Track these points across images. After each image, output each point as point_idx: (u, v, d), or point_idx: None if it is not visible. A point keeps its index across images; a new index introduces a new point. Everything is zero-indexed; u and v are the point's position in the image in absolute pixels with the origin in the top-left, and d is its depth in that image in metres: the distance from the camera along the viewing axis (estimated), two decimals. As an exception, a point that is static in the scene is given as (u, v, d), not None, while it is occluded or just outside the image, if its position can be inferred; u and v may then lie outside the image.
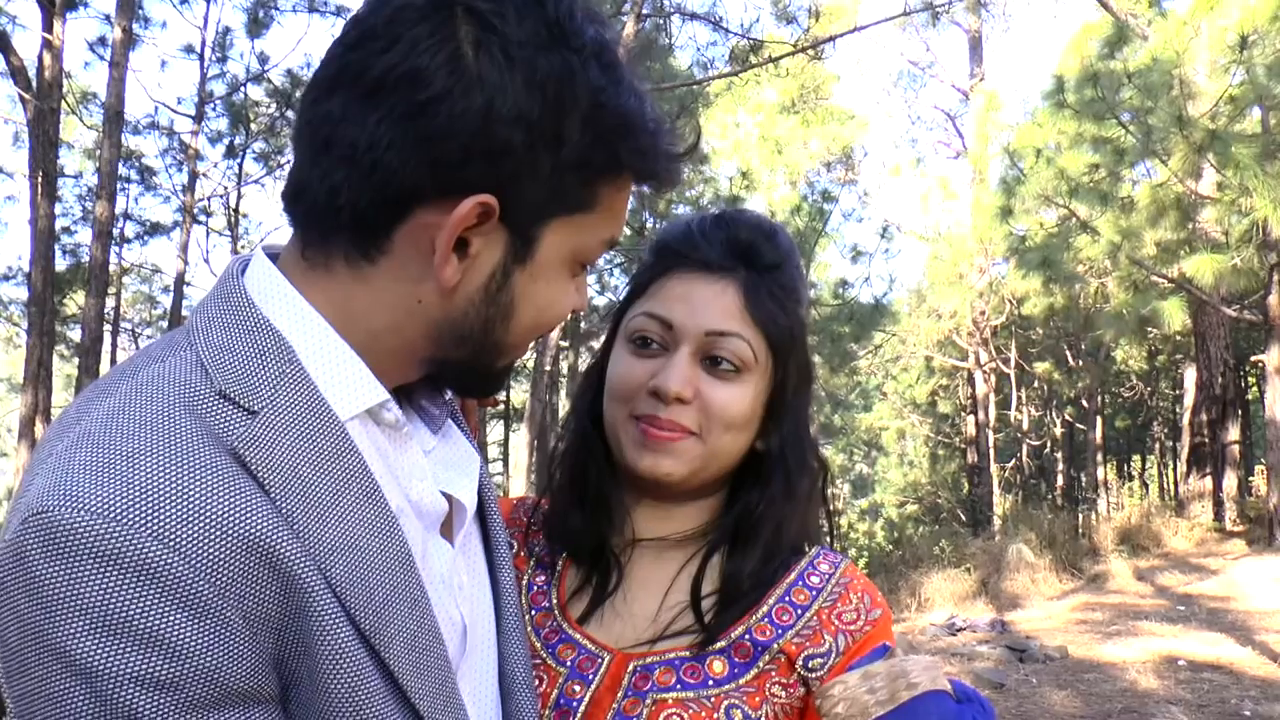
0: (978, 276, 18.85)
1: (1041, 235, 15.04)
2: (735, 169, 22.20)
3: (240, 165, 20.68)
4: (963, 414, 22.60)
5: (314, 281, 1.00)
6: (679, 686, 1.28)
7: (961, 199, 20.69)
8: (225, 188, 21.24)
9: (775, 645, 1.31)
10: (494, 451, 25.13)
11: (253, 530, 0.85)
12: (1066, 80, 13.38)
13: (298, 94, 20.61)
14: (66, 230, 20.74)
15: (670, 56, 21.06)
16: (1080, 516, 17.45)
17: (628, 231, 24.39)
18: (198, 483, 0.85)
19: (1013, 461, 22.27)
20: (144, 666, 0.80)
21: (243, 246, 23.03)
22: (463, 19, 0.94)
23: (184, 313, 20.65)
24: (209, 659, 0.82)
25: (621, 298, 1.47)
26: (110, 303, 18.40)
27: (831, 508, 1.54)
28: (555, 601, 1.40)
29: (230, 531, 0.84)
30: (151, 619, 0.80)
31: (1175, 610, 11.31)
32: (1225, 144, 11.58)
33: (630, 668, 1.31)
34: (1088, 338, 19.10)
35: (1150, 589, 12.89)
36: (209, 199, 21.95)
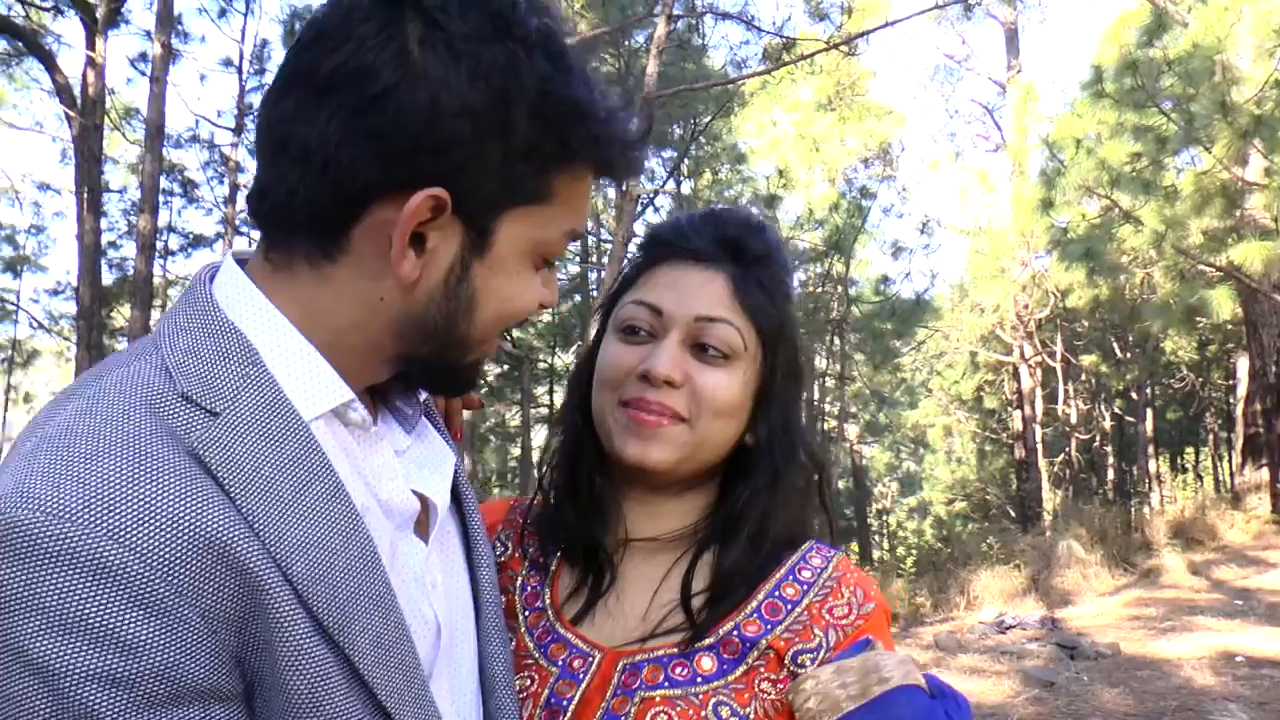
0: (1020, 270, 18.67)
1: (1084, 227, 14.84)
2: (773, 168, 22.16)
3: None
4: (1009, 409, 22.38)
5: (278, 283, 1.02)
6: (666, 684, 1.28)
7: (1001, 192, 20.51)
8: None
9: (763, 641, 1.30)
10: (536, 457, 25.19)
11: (209, 529, 0.86)
12: (1105, 70, 13.22)
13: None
14: (112, 244, 21.14)
15: (705, 57, 21.06)
16: (1132, 510, 17.19)
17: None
18: (154, 483, 0.86)
19: (1061, 456, 22.02)
20: (100, 664, 0.81)
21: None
22: (410, 15, 0.95)
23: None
24: (165, 656, 0.83)
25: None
26: (156, 315, 18.65)
27: (829, 502, 1.53)
28: (549, 601, 1.40)
29: (186, 530, 0.85)
30: (107, 617, 0.81)
31: (1232, 605, 11.11)
32: (1272, 129, 11.39)
33: (619, 666, 1.31)
34: (1134, 329, 18.86)
35: (1206, 583, 12.69)
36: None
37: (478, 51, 0.95)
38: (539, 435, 22.60)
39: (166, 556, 0.83)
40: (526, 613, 1.39)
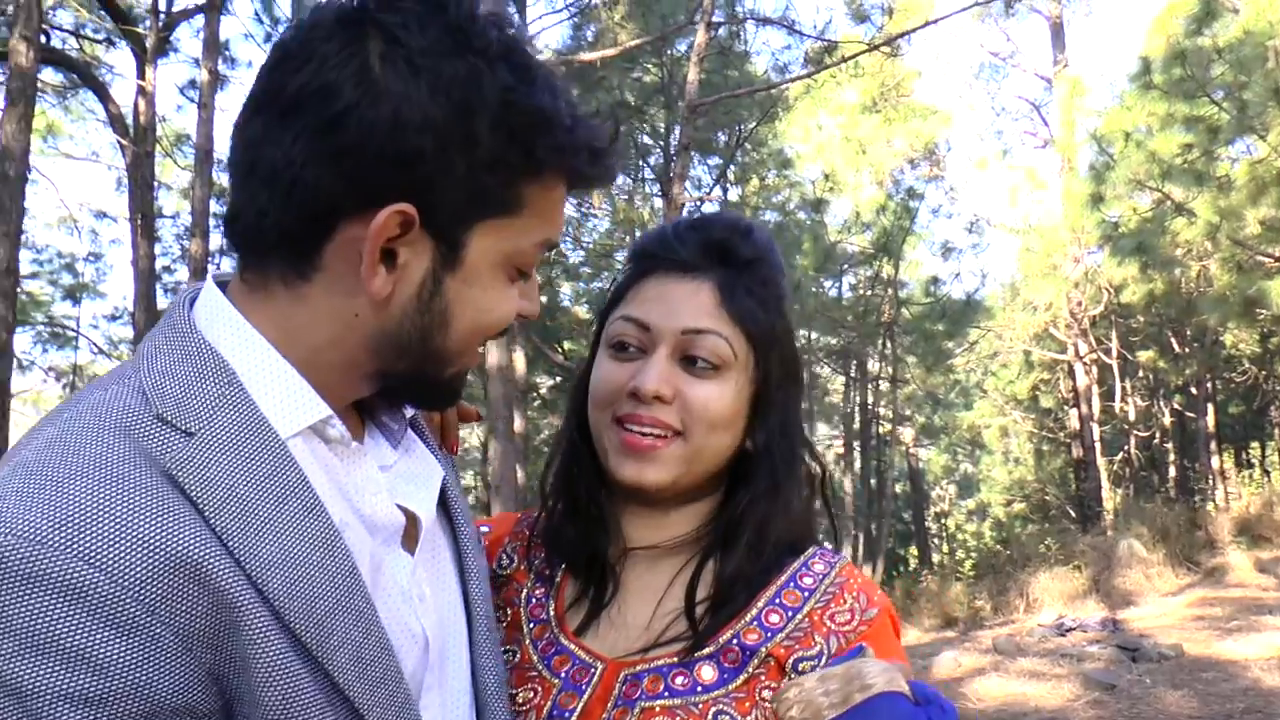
0: (1072, 266, 18.40)
1: (1135, 220, 14.65)
2: (819, 172, 22.07)
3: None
4: (1065, 408, 22.06)
5: (255, 303, 1.03)
6: (667, 694, 1.27)
7: (1051, 188, 20.24)
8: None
9: (763, 649, 1.29)
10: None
11: (180, 548, 0.87)
12: (1153, 61, 13.06)
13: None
14: (167, 269, 21.49)
15: (747, 63, 21.02)
16: (1195, 508, 16.86)
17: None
18: (125, 504, 0.87)
19: (1121, 454, 21.66)
20: (73, 684, 0.82)
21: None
22: (371, 33, 0.96)
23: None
24: (138, 674, 0.84)
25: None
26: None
27: (833, 507, 1.53)
28: (553, 613, 1.40)
29: (157, 550, 0.86)
30: (78, 637, 0.82)
31: (1301, 603, 10.87)
32: (1328, 115, 11.15)
33: (621, 676, 1.31)
34: (1192, 323, 18.52)
35: (1273, 581, 12.44)
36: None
37: (438, 66, 0.96)
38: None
39: (137, 576, 0.84)
40: (531, 625, 1.39)
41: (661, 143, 21.26)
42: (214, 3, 13.60)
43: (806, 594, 1.34)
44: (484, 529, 1.53)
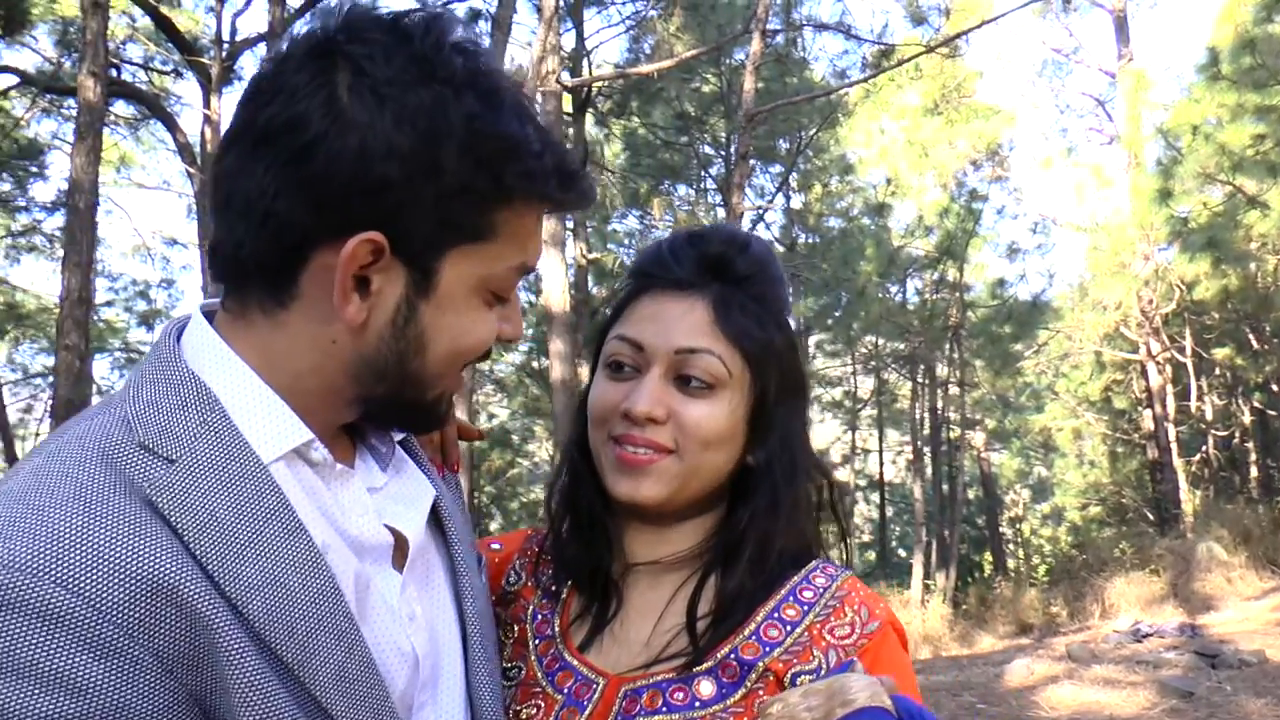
0: (1142, 264, 18.01)
1: (1206, 215, 14.32)
2: (882, 176, 21.90)
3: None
4: (1139, 408, 21.59)
5: (238, 331, 1.05)
6: (665, 709, 1.28)
7: (1118, 185, 19.85)
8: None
9: (760, 664, 1.29)
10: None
11: (157, 573, 0.89)
12: (1221, 51, 12.78)
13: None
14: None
15: (806, 70, 20.94)
16: (1279, 509, 16.40)
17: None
18: (104, 531, 0.89)
19: (1199, 455, 21.14)
20: (52, 707, 0.84)
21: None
22: (340, 64, 0.98)
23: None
24: (117, 696, 0.86)
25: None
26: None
27: (843, 516, 1.51)
28: (558, 629, 1.41)
29: (134, 575, 0.88)
30: (57, 661, 0.84)
31: (1390, 605, 10.53)
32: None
33: (621, 692, 1.31)
34: (1270, 318, 18.03)
35: (1362, 583, 12.06)
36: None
37: (403, 95, 0.98)
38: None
39: (115, 601, 0.87)
40: (537, 641, 1.40)
41: (723, 152, 21.26)
42: (274, 30, 13.86)
43: (806, 608, 1.33)
44: (495, 546, 1.55)
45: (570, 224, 18.81)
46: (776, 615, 1.33)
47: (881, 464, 29.49)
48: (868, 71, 18.16)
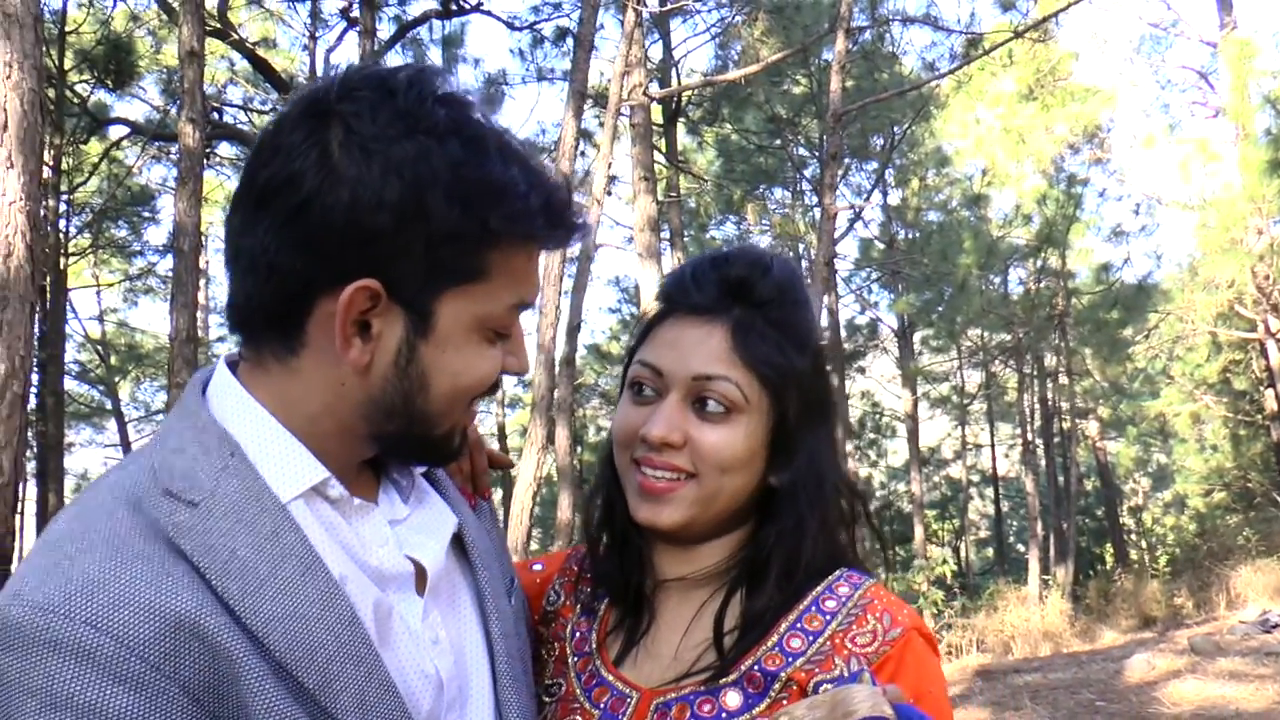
0: (1255, 239, 17.39)
1: (1320, 185, 13.76)
2: (980, 166, 21.53)
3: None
4: (1261, 389, 20.80)
5: (256, 378, 1.14)
6: None
7: (1225, 159, 19.13)
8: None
9: (784, 674, 1.32)
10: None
11: (179, 610, 0.98)
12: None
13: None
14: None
15: (896, 64, 20.71)
16: None
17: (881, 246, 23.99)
18: (129, 573, 0.98)
19: (1329, 433, 20.28)
20: None
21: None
22: (333, 123, 1.05)
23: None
24: None
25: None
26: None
27: (881, 532, 1.53)
28: (595, 645, 1.46)
29: (158, 613, 0.97)
30: (90, 694, 0.94)
31: None
32: None
33: (652, 705, 1.35)
34: (1395, 287, 17.27)
35: None
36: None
37: (388, 149, 1.05)
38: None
39: (141, 637, 0.96)
40: (575, 658, 1.45)
41: (817, 153, 21.12)
42: (365, 63, 14.22)
43: (829, 617, 1.36)
44: (537, 566, 1.62)
45: (667, 234, 18.90)
46: (799, 626, 1.36)
47: (994, 459, 28.87)
48: (957, 62, 17.88)
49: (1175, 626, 13.19)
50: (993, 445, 28.56)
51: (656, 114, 18.40)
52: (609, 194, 21.72)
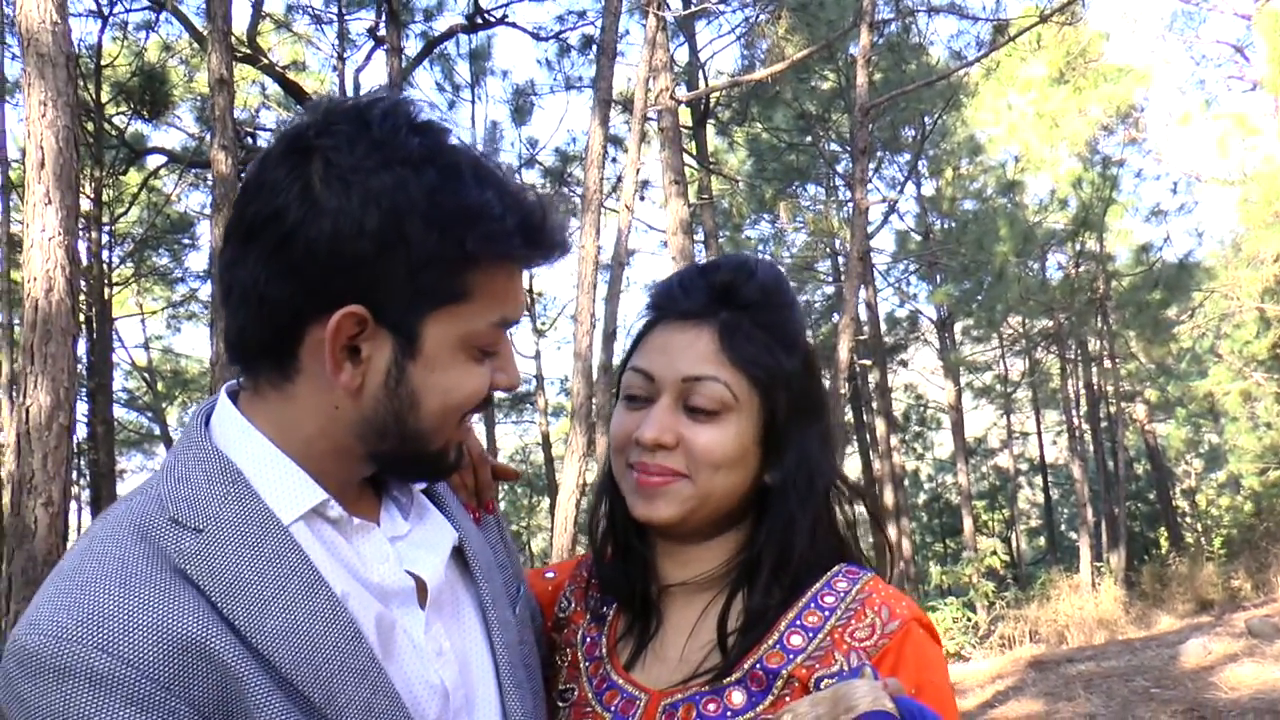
0: (1298, 212, 17.13)
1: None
2: (1014, 153, 21.37)
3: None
4: (1313, 363, 20.46)
5: (255, 406, 1.19)
6: None
7: (1265, 133, 18.89)
8: (518, 272, 22.54)
9: (785, 671, 1.34)
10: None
11: (186, 632, 1.03)
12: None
13: (569, 170, 22.06)
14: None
15: (924, 55, 20.58)
16: None
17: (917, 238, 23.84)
18: (137, 599, 1.03)
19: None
20: None
21: (542, 324, 24.27)
22: (314, 157, 1.10)
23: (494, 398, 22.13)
24: None
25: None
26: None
27: (885, 529, 1.55)
28: (605, 650, 1.49)
29: (165, 636, 1.02)
30: (104, 717, 0.98)
31: None
32: None
33: (660, 707, 1.38)
34: None
35: None
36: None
37: (366, 180, 1.09)
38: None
39: (150, 660, 1.01)
40: (587, 663, 1.49)
41: (848, 148, 21.03)
42: (394, 81, 14.38)
43: (828, 613, 1.38)
44: (549, 575, 1.65)
45: (701, 236, 18.90)
46: (799, 622, 1.38)
47: (1041, 446, 28.62)
48: (984, 49, 17.75)
49: (1233, 609, 13.01)
50: (1039, 433, 28.30)
51: (685, 117, 18.40)
52: (641, 199, 21.82)
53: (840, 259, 23.00)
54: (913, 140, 21.83)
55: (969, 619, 13.20)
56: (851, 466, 25.41)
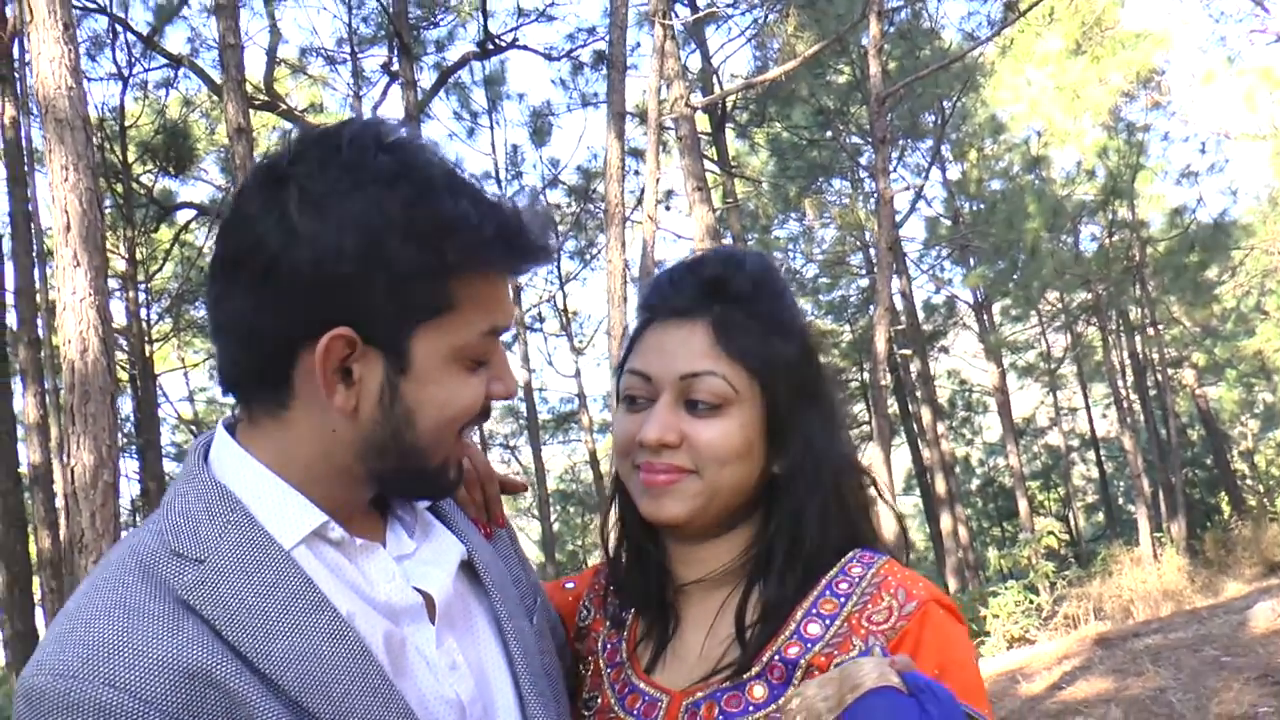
0: (1331, 162, 16.86)
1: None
2: (1037, 128, 21.19)
3: (558, 266, 21.96)
4: (1362, 314, 20.10)
5: (253, 435, 1.20)
6: (721, 717, 1.34)
7: (1291, 85, 18.64)
8: (549, 291, 22.66)
9: (804, 661, 1.33)
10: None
11: (191, 662, 1.04)
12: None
13: (593, 186, 22.07)
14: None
15: (936, 39, 20.49)
16: None
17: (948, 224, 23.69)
18: (142, 632, 1.04)
19: None
20: None
21: (580, 342, 24.34)
22: (288, 186, 1.11)
23: (538, 420, 22.13)
24: None
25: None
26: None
27: (899, 512, 1.53)
28: (625, 655, 1.49)
29: (171, 667, 1.03)
30: None
31: None
32: None
33: (682, 706, 1.38)
34: None
35: None
36: (538, 306, 23.48)
37: (340, 203, 1.10)
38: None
39: (157, 692, 1.01)
40: (609, 669, 1.49)
41: (869, 139, 20.96)
42: (410, 114, 14.49)
43: (843, 599, 1.37)
44: (568, 585, 1.65)
45: (730, 241, 18.88)
46: (815, 611, 1.37)
47: (1091, 421, 28.26)
48: (996, 27, 17.65)
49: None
50: (1088, 407, 27.94)
51: (704, 123, 18.42)
52: (666, 209, 21.82)
53: (872, 251, 22.86)
54: (934, 126, 21.73)
55: (1031, 601, 13.01)
56: (900, 457, 25.26)
